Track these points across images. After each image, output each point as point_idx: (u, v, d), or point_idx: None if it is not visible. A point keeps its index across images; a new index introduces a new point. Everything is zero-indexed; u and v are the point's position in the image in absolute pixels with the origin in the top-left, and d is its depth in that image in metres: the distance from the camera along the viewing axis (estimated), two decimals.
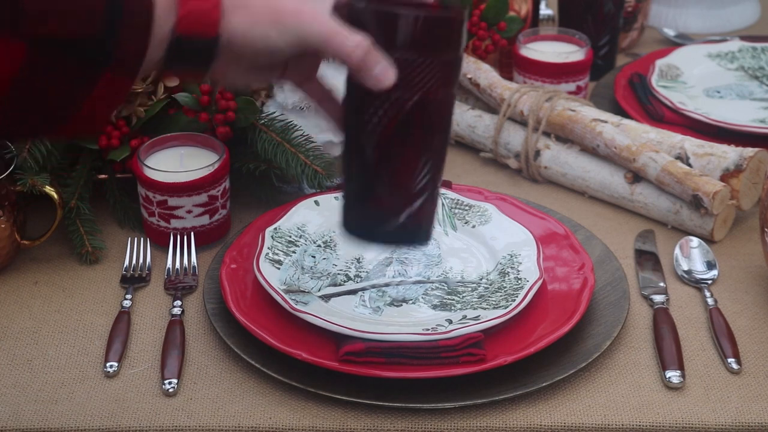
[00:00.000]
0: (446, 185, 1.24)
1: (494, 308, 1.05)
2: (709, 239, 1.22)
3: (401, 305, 1.09)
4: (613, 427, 0.98)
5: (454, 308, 1.08)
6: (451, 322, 1.04)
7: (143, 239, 1.21)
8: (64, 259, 1.20)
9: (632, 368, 1.04)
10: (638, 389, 1.02)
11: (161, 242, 1.20)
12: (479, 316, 1.04)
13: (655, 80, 1.48)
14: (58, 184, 1.19)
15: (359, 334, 1.00)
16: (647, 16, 1.71)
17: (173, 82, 1.23)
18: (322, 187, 1.21)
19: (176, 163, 1.20)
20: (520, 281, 1.09)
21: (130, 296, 1.13)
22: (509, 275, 1.11)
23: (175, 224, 1.19)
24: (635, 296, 1.14)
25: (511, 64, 1.51)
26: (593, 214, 1.29)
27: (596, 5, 1.56)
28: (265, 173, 1.26)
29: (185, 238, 1.19)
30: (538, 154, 1.34)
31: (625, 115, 1.40)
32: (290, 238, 1.16)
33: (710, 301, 1.12)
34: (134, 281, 1.16)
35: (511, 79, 1.50)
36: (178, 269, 1.17)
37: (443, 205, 1.21)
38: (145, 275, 1.17)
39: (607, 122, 1.31)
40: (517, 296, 1.06)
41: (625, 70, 1.54)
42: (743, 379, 1.03)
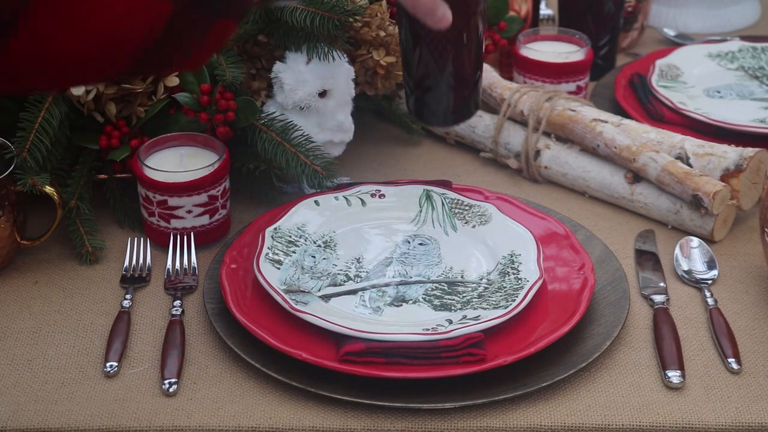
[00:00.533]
0: (446, 185, 1.24)
1: (494, 308, 1.05)
2: (709, 239, 1.22)
3: (401, 305, 1.09)
4: (613, 427, 0.98)
5: (454, 308, 1.08)
6: (451, 322, 1.04)
7: (143, 239, 1.21)
8: (64, 259, 1.20)
9: (632, 368, 1.04)
10: (638, 389, 1.02)
11: (161, 242, 1.20)
12: (479, 316, 1.04)
13: (655, 80, 1.48)
14: (58, 184, 1.19)
15: (359, 334, 1.00)
16: (647, 16, 1.71)
17: (173, 82, 1.23)
18: (322, 187, 1.21)
19: (176, 163, 1.20)
20: (520, 281, 1.09)
21: (130, 296, 1.13)
22: (509, 275, 1.11)
23: (175, 224, 1.19)
24: (635, 296, 1.14)
25: (511, 64, 1.51)
26: (593, 214, 1.29)
27: (596, 5, 1.56)
28: (265, 173, 1.26)
29: (185, 238, 1.19)
30: (538, 154, 1.34)
31: (625, 115, 1.40)
32: (290, 238, 1.15)
33: (710, 301, 1.12)
34: (134, 281, 1.16)
35: (511, 79, 1.50)
36: (178, 269, 1.17)
37: (443, 204, 1.21)
38: (145, 275, 1.17)
39: (607, 122, 1.31)
40: (517, 296, 1.06)
41: (625, 70, 1.53)
42: (743, 379, 1.03)
